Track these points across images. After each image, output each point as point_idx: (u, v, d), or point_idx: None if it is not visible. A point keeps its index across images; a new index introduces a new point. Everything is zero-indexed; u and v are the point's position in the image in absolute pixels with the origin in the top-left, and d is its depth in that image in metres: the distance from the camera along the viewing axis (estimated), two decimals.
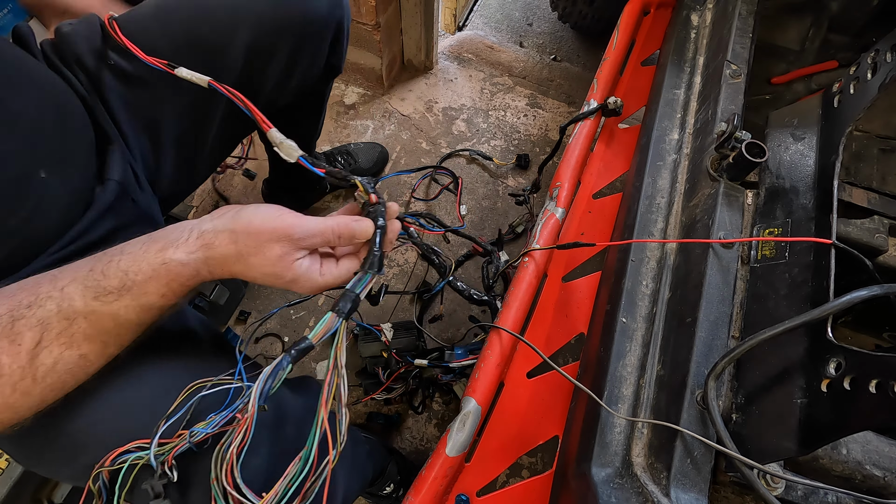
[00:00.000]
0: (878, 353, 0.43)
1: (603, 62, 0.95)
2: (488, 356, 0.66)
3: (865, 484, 0.49)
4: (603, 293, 0.74)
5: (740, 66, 0.79)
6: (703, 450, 0.51)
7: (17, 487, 0.80)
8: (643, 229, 0.72)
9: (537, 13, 1.88)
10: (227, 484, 0.45)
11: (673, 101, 0.85)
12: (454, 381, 1.03)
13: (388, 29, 1.49)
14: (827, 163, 0.66)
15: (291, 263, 0.47)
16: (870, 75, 0.65)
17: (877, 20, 0.89)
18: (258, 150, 1.49)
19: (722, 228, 0.64)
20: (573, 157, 0.84)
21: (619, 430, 0.58)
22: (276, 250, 0.46)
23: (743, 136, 0.66)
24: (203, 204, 1.43)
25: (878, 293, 0.49)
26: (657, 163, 0.78)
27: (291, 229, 0.46)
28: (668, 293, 0.66)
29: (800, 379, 0.51)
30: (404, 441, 1.14)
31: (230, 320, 1.25)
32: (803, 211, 0.64)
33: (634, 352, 0.63)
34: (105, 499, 0.48)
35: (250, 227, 0.46)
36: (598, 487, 0.53)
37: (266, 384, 0.44)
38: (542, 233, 0.77)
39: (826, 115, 0.72)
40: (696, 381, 0.55)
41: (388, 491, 0.96)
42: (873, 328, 0.71)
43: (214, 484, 0.46)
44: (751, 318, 0.61)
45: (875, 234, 0.64)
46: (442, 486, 0.60)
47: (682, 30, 0.93)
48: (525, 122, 1.58)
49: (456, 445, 0.60)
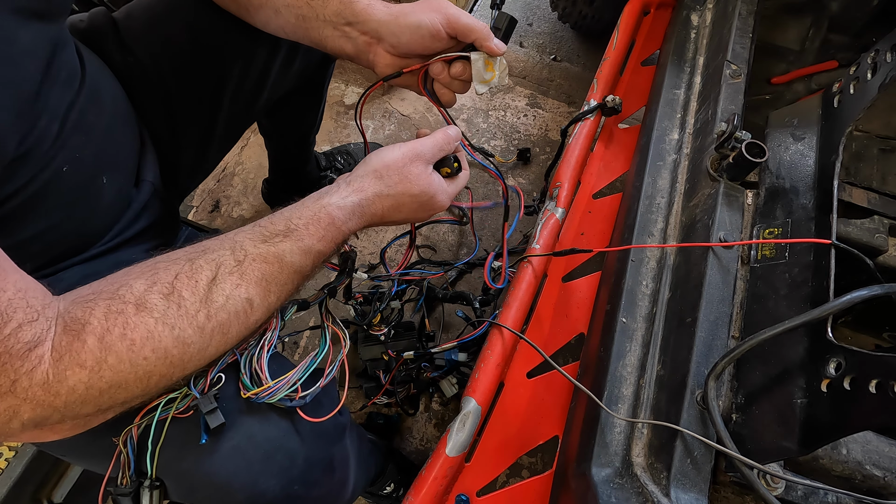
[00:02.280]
0: (878, 353, 0.43)
1: (603, 62, 0.95)
2: (488, 356, 0.66)
3: (865, 484, 0.49)
4: (603, 293, 0.74)
5: (740, 66, 0.79)
6: (703, 450, 0.51)
7: (17, 487, 0.80)
8: (643, 229, 0.72)
9: (537, 13, 1.87)
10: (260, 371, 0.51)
11: (673, 101, 0.85)
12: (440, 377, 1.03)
13: None
14: (827, 163, 0.66)
15: (430, 177, 0.56)
16: (870, 75, 0.65)
17: (877, 20, 0.89)
18: (253, 153, 1.50)
19: (722, 228, 0.64)
20: (573, 157, 0.84)
21: (619, 430, 0.58)
22: (415, 169, 0.54)
23: (743, 136, 0.66)
24: (203, 204, 1.43)
25: (878, 293, 0.49)
26: (657, 163, 0.78)
27: (416, 148, 0.55)
28: (668, 293, 0.66)
29: (800, 379, 0.51)
30: (404, 441, 1.14)
31: None
32: (803, 211, 0.64)
33: (634, 352, 0.63)
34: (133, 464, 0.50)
35: (386, 161, 0.54)
36: (598, 487, 0.53)
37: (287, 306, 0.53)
38: (542, 233, 0.77)
39: (826, 115, 0.72)
40: (696, 381, 0.55)
41: (388, 491, 0.96)
42: (873, 328, 0.71)
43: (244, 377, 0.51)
44: (751, 318, 0.61)
45: (875, 234, 0.64)
46: (442, 486, 0.60)
47: (682, 30, 0.93)
48: (525, 122, 1.58)
49: (456, 445, 0.60)
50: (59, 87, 0.54)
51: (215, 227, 1.22)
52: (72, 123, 0.55)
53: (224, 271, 0.45)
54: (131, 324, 0.40)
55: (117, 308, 0.40)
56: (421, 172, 0.55)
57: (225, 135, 0.83)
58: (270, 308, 0.50)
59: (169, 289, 0.43)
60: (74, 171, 0.56)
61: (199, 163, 0.83)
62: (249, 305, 0.47)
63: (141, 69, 0.69)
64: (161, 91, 0.71)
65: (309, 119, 1.06)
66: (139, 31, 0.69)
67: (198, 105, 0.75)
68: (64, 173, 0.55)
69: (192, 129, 0.77)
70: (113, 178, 0.62)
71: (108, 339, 0.39)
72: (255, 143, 1.52)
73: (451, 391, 1.05)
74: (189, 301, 0.43)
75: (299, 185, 1.31)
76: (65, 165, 0.54)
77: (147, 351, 0.41)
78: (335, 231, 0.51)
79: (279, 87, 0.82)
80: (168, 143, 0.75)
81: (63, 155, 0.54)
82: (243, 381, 0.51)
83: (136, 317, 0.41)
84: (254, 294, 0.47)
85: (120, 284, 0.42)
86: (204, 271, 0.45)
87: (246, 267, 0.46)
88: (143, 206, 0.68)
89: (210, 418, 0.49)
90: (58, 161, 0.54)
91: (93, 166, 0.59)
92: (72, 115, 0.55)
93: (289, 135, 1.11)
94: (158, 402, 0.49)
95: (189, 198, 1.44)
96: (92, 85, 0.59)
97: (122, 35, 0.68)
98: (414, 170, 0.54)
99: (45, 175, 0.53)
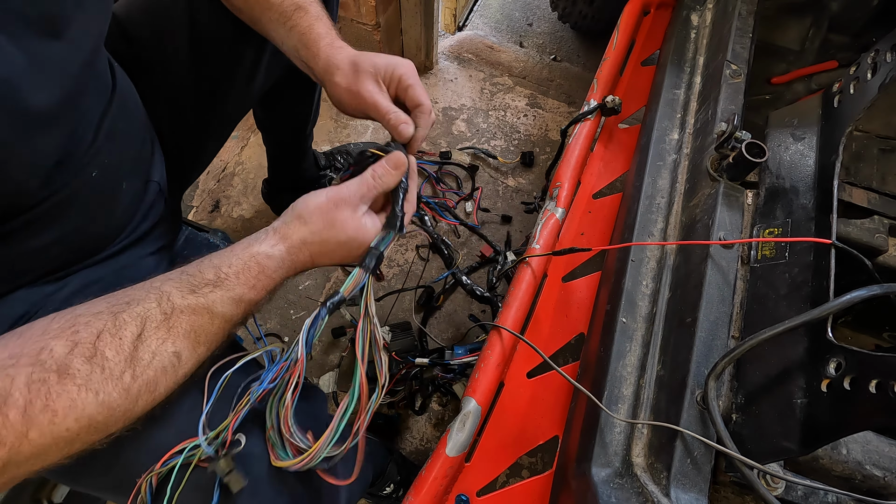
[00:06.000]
0: (878, 353, 0.43)
1: (603, 62, 0.95)
2: (488, 356, 0.66)
3: (865, 484, 0.49)
4: (603, 293, 0.74)
5: (740, 66, 0.79)
6: (703, 450, 0.51)
7: (16, 487, 0.80)
8: (643, 229, 0.72)
9: (537, 13, 1.87)
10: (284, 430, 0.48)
11: (673, 101, 0.85)
12: (454, 380, 1.03)
13: (388, 29, 1.49)
14: (827, 163, 0.66)
15: (359, 221, 0.52)
16: (870, 75, 0.65)
17: (877, 20, 0.89)
18: (253, 153, 1.50)
19: (722, 228, 0.64)
20: (573, 157, 0.84)
21: (619, 430, 0.58)
22: (340, 215, 0.51)
23: (743, 136, 0.66)
24: (203, 204, 1.43)
25: (877, 293, 0.49)
26: (657, 163, 0.78)
27: (340, 192, 0.52)
28: (668, 293, 0.66)
29: (800, 379, 0.51)
30: (404, 441, 1.14)
31: None
32: (803, 211, 0.64)
33: (634, 352, 0.63)
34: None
35: (310, 206, 0.52)
36: (598, 487, 0.53)
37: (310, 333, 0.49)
38: (542, 233, 0.77)
39: (826, 115, 0.72)
40: (696, 381, 0.55)
41: (388, 491, 0.96)
42: (873, 328, 0.71)
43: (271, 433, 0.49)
44: (751, 318, 0.61)
45: (875, 234, 0.64)
46: (442, 486, 0.60)
47: (682, 30, 0.93)
48: (525, 122, 1.58)
49: (456, 445, 0.60)
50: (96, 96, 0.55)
51: (215, 228, 1.22)
52: (105, 131, 0.56)
53: (150, 326, 0.43)
54: (53, 393, 0.38)
55: (39, 377, 0.38)
56: (347, 218, 0.51)
57: (222, 124, 0.84)
58: (200, 359, 0.47)
59: (91, 351, 0.40)
60: (102, 177, 0.56)
61: (199, 155, 0.84)
62: (177, 359, 0.44)
63: (147, 61, 0.70)
64: (165, 82, 0.72)
65: (304, 109, 1.06)
66: (142, 23, 0.70)
67: (198, 93, 0.76)
68: (93, 179, 0.55)
69: (192, 120, 0.77)
70: (131, 183, 0.63)
71: (30, 412, 0.36)
72: (255, 142, 1.52)
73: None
74: (113, 362, 0.41)
75: (298, 183, 1.31)
76: (95, 171, 0.55)
77: (70, 421, 0.38)
78: (266, 279, 0.50)
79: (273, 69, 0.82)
80: (171, 138, 0.75)
81: (95, 161, 0.55)
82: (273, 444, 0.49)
83: (58, 385, 0.38)
84: (182, 347, 0.45)
85: (41, 347, 0.39)
86: (129, 327, 0.42)
87: (174, 321, 0.44)
88: (149, 207, 0.68)
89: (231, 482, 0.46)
90: (90, 167, 0.54)
91: (117, 173, 0.60)
92: (105, 124, 0.56)
93: (285, 127, 1.11)
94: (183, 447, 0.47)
95: (189, 198, 1.44)
96: (121, 94, 0.60)
97: (126, 28, 0.69)
98: (339, 216, 0.51)
99: (78, 180, 0.53)
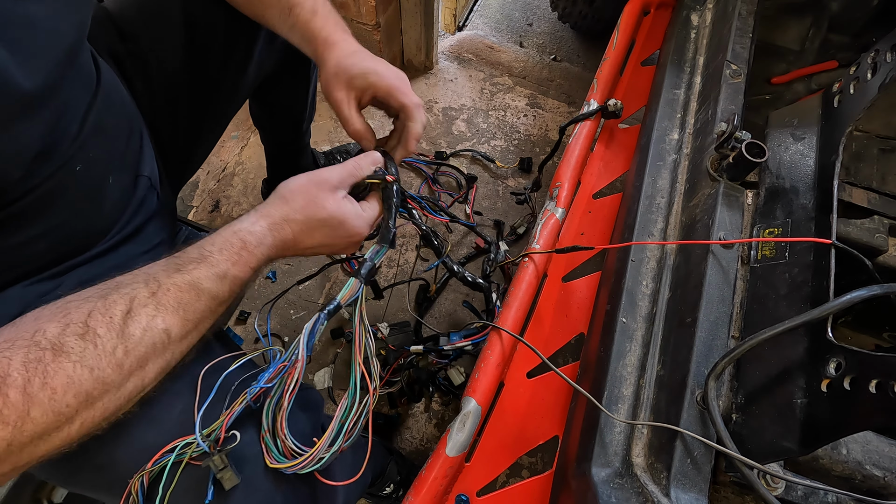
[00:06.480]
0: (878, 353, 0.43)
1: (603, 62, 0.95)
2: (488, 356, 0.66)
3: (865, 484, 0.49)
4: (603, 293, 0.74)
5: (740, 66, 0.79)
6: (703, 450, 0.51)
7: (17, 487, 0.80)
8: (643, 229, 0.72)
9: (537, 13, 1.87)
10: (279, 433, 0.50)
11: (673, 101, 0.85)
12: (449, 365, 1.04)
13: (388, 29, 1.49)
14: (827, 163, 0.66)
15: (339, 201, 0.55)
16: (870, 75, 0.65)
17: (877, 20, 0.89)
18: (253, 153, 1.49)
19: (722, 228, 0.64)
20: (573, 157, 0.84)
21: (618, 430, 0.58)
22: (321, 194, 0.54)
23: (743, 136, 0.66)
24: (203, 204, 1.43)
25: (877, 293, 0.49)
26: (657, 163, 0.78)
27: (321, 174, 0.55)
28: (668, 293, 0.66)
29: (800, 379, 0.51)
30: (404, 441, 1.14)
31: (230, 320, 1.25)
32: (803, 211, 0.64)
33: (634, 352, 0.63)
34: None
35: (292, 186, 0.54)
36: (598, 487, 0.53)
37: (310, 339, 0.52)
38: (542, 233, 0.77)
39: (826, 115, 0.72)
40: (696, 381, 0.55)
41: (388, 491, 0.96)
42: (873, 328, 0.71)
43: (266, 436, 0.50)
44: (751, 318, 0.61)
45: (875, 234, 0.64)
46: (442, 486, 0.60)
47: (682, 30, 0.93)
48: (525, 122, 1.58)
49: (456, 445, 0.60)
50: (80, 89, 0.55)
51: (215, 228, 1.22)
52: (90, 125, 0.56)
53: (139, 303, 0.44)
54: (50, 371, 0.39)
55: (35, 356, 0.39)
56: (327, 197, 0.54)
57: (216, 117, 0.84)
58: (190, 342, 0.48)
59: (83, 328, 0.41)
60: (87, 171, 0.56)
61: (193, 151, 0.84)
62: (167, 336, 0.45)
63: (142, 57, 0.70)
64: (160, 74, 0.72)
65: (299, 104, 1.06)
66: (135, 19, 0.69)
67: (192, 84, 0.75)
68: (77, 173, 0.55)
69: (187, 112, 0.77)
70: (118, 178, 0.63)
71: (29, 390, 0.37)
72: (255, 143, 1.52)
73: (459, 379, 1.06)
74: (105, 338, 0.42)
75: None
76: (79, 165, 0.55)
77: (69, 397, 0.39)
78: (248, 255, 0.51)
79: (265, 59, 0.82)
80: (163, 134, 0.75)
81: (80, 155, 0.55)
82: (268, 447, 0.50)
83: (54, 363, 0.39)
84: (171, 324, 0.45)
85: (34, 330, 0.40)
86: (118, 305, 0.43)
87: (160, 296, 0.45)
88: (140, 202, 0.68)
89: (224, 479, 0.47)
90: (74, 161, 0.54)
91: (103, 167, 0.60)
92: (90, 117, 0.56)
93: (280, 123, 1.11)
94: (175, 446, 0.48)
95: (189, 198, 1.44)
96: (106, 89, 0.60)
97: (120, 24, 0.69)
98: (320, 194, 0.54)
99: (61, 174, 0.53)
